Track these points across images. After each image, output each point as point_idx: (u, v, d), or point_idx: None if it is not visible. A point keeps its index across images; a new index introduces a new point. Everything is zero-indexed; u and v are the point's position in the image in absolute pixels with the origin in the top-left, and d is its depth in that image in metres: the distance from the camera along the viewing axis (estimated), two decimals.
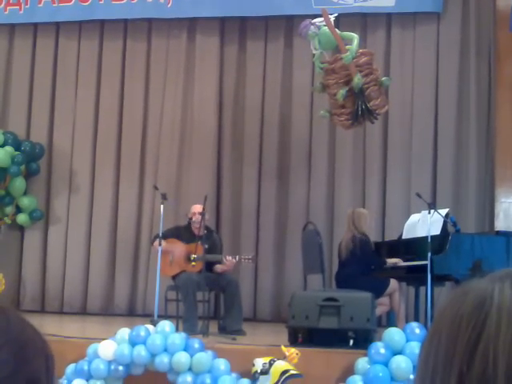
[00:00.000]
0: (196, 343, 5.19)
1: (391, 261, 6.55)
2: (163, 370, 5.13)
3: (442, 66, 8.50)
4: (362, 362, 4.99)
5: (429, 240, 5.83)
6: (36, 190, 9.30)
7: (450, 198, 8.20)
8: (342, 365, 5.10)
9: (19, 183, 8.99)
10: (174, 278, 6.73)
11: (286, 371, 4.86)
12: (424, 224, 6.18)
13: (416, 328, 5.05)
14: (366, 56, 6.63)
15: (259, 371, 4.92)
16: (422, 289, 6.27)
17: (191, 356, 5.10)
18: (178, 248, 6.76)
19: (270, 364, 4.91)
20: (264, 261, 8.56)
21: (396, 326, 5.61)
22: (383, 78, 6.79)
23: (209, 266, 6.63)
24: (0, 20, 9.40)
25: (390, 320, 6.91)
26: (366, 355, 5.02)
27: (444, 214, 6.20)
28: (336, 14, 6.90)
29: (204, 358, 5.07)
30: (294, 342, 5.45)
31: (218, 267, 6.71)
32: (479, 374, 0.71)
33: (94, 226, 9.15)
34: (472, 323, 0.74)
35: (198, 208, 6.80)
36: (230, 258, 6.58)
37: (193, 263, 6.46)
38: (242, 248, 8.43)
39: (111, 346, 5.23)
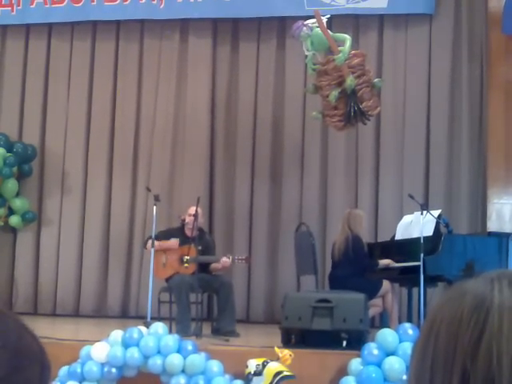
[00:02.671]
0: (189, 345, 5.18)
1: (383, 262, 6.56)
2: (156, 372, 5.13)
3: (434, 67, 8.52)
4: (355, 363, 5.00)
5: (421, 241, 5.84)
6: (28, 191, 9.27)
7: (443, 198, 8.21)
8: (335, 366, 5.10)
9: (11, 185, 8.95)
10: (167, 279, 6.73)
11: (279, 372, 4.86)
12: (416, 225, 6.18)
13: (409, 329, 5.07)
14: (359, 57, 6.64)
15: (252, 372, 4.92)
16: (415, 290, 6.28)
17: (184, 358, 5.09)
18: (171, 250, 6.74)
19: (264, 365, 4.91)
20: (257, 262, 8.55)
21: (389, 327, 5.62)
22: (375, 80, 6.80)
23: (202, 267, 6.63)
24: None
25: (383, 321, 6.92)
26: (359, 356, 5.03)
27: (436, 215, 6.21)
28: (328, 16, 6.92)
29: (197, 359, 5.07)
30: (287, 343, 5.45)
31: (214, 265, 6.71)
32: (484, 371, 0.72)
33: (87, 228, 9.12)
34: (473, 321, 0.74)
35: (193, 210, 6.79)
36: (225, 258, 6.58)
37: (186, 265, 6.45)
38: (234, 249, 8.41)
39: (104, 348, 5.22)
